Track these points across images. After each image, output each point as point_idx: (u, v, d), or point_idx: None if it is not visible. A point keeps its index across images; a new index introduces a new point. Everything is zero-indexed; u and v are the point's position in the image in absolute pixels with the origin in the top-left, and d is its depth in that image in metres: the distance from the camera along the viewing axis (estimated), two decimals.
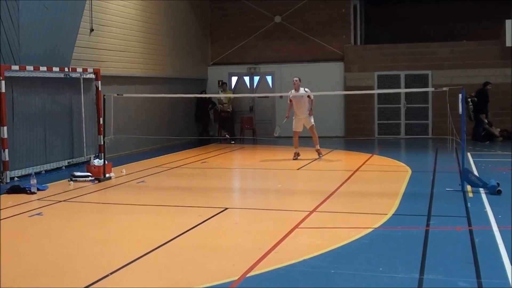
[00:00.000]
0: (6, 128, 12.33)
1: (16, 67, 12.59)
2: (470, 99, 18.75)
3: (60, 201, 10.39)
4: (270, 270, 6.19)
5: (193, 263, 6.53)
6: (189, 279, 6.02)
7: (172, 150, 18.31)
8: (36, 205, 10.10)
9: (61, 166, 14.18)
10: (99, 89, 15.19)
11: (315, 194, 10.75)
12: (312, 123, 15.78)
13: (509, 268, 6.12)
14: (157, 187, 11.99)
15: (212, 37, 23.77)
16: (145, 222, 8.78)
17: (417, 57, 21.47)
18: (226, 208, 9.54)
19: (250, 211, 9.59)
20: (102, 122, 14.38)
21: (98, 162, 13.14)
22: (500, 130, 19.79)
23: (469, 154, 15.16)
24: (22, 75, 12.85)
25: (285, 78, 22.51)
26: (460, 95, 10.51)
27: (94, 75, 15.16)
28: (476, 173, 11.77)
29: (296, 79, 15.64)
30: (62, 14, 14.08)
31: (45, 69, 13.32)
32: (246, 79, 23.54)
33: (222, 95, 21.30)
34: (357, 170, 13.69)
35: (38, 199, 10.55)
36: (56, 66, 13.73)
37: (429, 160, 16.25)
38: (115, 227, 8.80)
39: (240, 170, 15.54)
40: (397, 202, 9.73)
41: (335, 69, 22.31)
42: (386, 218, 8.58)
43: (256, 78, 23.42)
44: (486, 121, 19.57)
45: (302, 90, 15.54)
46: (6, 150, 12.35)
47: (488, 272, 6.02)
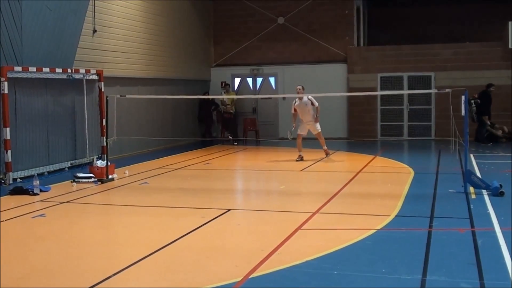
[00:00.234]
0: (9, 129, 12.34)
1: (19, 68, 12.61)
2: (473, 101, 18.73)
3: (62, 202, 10.39)
4: (273, 271, 6.19)
5: (196, 264, 6.53)
6: (192, 280, 6.02)
7: (175, 151, 18.31)
8: (38, 206, 10.10)
9: (64, 167, 14.19)
10: (102, 90, 15.21)
11: (318, 196, 10.75)
12: (318, 130, 15.86)
13: (511, 269, 6.12)
14: (160, 189, 11.99)
15: (215, 38, 23.78)
16: (148, 224, 8.78)
17: (420, 58, 21.45)
18: (229, 209, 9.54)
19: (253, 213, 9.58)
20: (105, 123, 14.38)
21: (101, 163, 13.13)
22: (502, 132, 19.74)
23: (472, 155, 15.13)
24: (25, 76, 12.86)
25: (288, 80, 22.57)
26: (463, 97, 10.50)
27: (97, 76, 15.18)
28: (479, 174, 11.76)
29: (299, 88, 15.66)
30: (65, 15, 14.10)
31: (47, 70, 13.34)
32: (249, 81, 23.53)
33: (225, 97, 21.30)
34: (360, 171, 13.68)
35: (40, 200, 10.55)
36: (59, 67, 13.76)
37: (432, 161, 16.24)
38: (118, 228, 8.81)
39: (243, 171, 15.53)
40: (400, 203, 9.72)
41: (338, 70, 22.30)
42: (389, 219, 8.57)
43: (259, 80, 23.40)
44: (489, 122, 19.55)
45: (306, 98, 15.56)
46: (9, 151, 12.36)
47: (490, 273, 6.01)
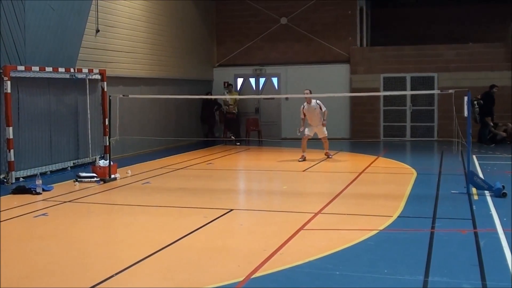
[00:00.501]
0: (11, 128, 12.36)
1: (22, 68, 12.62)
2: (476, 102, 18.72)
3: (65, 201, 10.40)
4: (275, 272, 6.19)
5: (198, 264, 6.53)
6: (194, 280, 6.02)
7: (177, 151, 18.33)
8: (41, 205, 10.11)
9: (66, 166, 14.20)
10: (105, 90, 15.23)
11: (321, 196, 10.75)
12: (325, 134, 15.97)
13: None
14: (162, 188, 12.00)
15: (218, 38, 23.79)
16: (150, 223, 8.78)
17: (423, 59, 21.43)
18: (231, 209, 9.54)
19: (255, 213, 9.57)
20: (107, 123, 14.41)
21: (103, 163, 13.15)
22: (505, 130, 19.69)
23: (474, 156, 15.12)
24: (28, 76, 12.88)
25: (291, 80, 22.58)
26: (465, 98, 10.49)
27: (99, 76, 15.20)
28: (481, 175, 11.74)
29: (307, 91, 15.69)
30: (68, 14, 14.13)
31: (50, 69, 13.36)
32: (252, 81, 23.54)
33: (227, 97, 21.31)
34: (362, 172, 13.68)
35: (43, 200, 10.57)
36: (62, 67, 13.77)
37: (434, 162, 16.22)
38: (120, 228, 8.81)
39: (245, 171, 15.53)
40: (402, 204, 9.71)
41: (341, 71, 22.30)
42: (391, 220, 8.57)
43: (262, 80, 23.42)
44: (491, 123, 19.52)
45: (314, 102, 15.69)
46: (12, 151, 12.38)
47: (492, 274, 6.01)
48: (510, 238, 7.28)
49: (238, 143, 20.87)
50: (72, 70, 14.15)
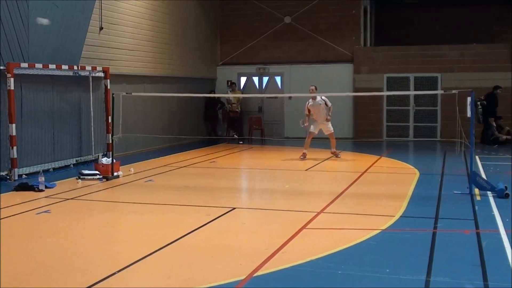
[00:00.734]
0: (14, 125, 12.36)
1: (25, 65, 12.62)
2: (479, 102, 18.68)
3: (67, 199, 10.42)
4: (277, 270, 6.19)
5: (200, 263, 6.53)
6: (196, 278, 6.02)
7: (180, 149, 18.34)
8: (43, 202, 10.12)
9: (69, 164, 14.21)
10: (108, 87, 15.23)
11: (323, 195, 10.75)
12: (331, 130, 15.97)
13: None
14: (165, 186, 12.00)
15: (221, 37, 23.79)
16: (152, 221, 8.79)
17: (426, 59, 21.40)
18: (234, 208, 9.55)
19: (258, 211, 9.58)
20: (110, 120, 14.39)
21: (106, 160, 13.16)
22: (507, 133, 19.66)
23: (477, 157, 15.10)
24: (31, 73, 12.88)
25: (294, 79, 22.57)
26: (469, 98, 10.47)
27: (103, 74, 15.20)
28: (484, 176, 11.72)
29: (312, 87, 15.70)
30: (71, 12, 14.13)
31: (54, 67, 13.37)
32: (255, 80, 23.54)
33: (231, 95, 21.31)
34: (365, 171, 13.67)
35: (46, 197, 10.57)
36: (65, 64, 13.78)
37: (437, 162, 16.21)
38: (123, 226, 8.83)
39: (248, 170, 15.54)
40: (404, 204, 9.71)
41: (345, 70, 22.27)
42: (393, 220, 8.56)
43: (265, 79, 23.41)
44: (494, 124, 19.49)
45: (319, 98, 15.67)
46: (15, 148, 12.39)
47: (495, 275, 6.01)
48: None
49: (241, 142, 20.87)
50: (75, 68, 14.15)
